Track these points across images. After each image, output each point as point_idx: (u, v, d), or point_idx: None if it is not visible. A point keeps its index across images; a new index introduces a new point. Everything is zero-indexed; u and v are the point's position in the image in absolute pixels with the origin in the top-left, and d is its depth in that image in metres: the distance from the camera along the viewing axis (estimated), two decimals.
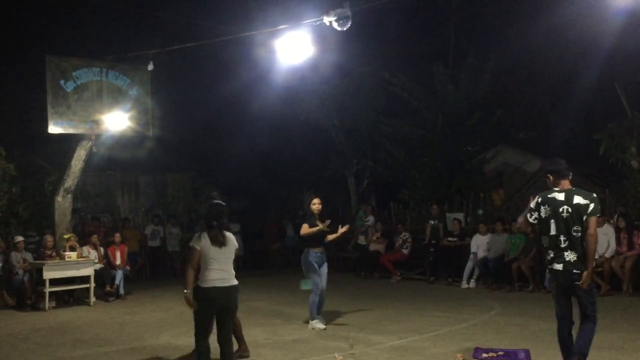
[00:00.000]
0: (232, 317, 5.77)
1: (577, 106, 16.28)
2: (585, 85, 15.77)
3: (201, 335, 5.61)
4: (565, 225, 5.61)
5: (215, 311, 5.58)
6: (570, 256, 5.59)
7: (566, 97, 16.47)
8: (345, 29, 8.49)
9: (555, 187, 5.77)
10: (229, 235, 5.75)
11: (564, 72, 16.17)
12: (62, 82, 12.40)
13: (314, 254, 8.83)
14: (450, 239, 14.01)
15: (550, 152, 17.32)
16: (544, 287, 11.79)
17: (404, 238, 14.83)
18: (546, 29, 14.53)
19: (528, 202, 5.95)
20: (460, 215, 14.59)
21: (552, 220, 5.67)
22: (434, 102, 16.36)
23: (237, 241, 6.09)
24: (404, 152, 16.72)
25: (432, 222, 14.50)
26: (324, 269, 8.94)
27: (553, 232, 5.66)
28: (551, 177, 5.82)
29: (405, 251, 14.74)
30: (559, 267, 5.62)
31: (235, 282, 5.70)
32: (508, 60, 16.67)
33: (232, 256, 5.73)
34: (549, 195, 5.74)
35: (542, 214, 5.74)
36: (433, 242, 14.29)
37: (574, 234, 5.58)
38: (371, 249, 15.30)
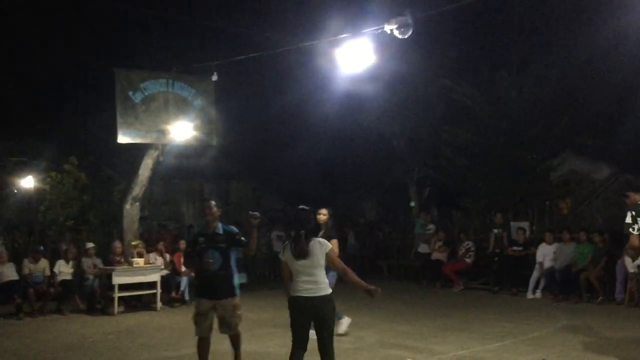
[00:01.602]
0: (328, 330, 5.44)
1: None
2: None
3: (294, 344, 5.48)
4: None
5: (305, 321, 5.41)
6: None
7: (636, 102, 15.89)
8: (406, 37, 8.46)
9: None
10: (319, 241, 5.46)
11: (633, 76, 15.59)
12: (130, 93, 12.82)
13: None
14: (514, 248, 13.72)
15: (620, 160, 16.80)
16: (614, 298, 11.42)
17: (467, 247, 14.63)
18: (614, 32, 14.07)
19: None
20: (525, 225, 14.27)
21: None
22: (497, 109, 16.08)
23: None
24: (466, 160, 16.49)
25: (496, 231, 14.23)
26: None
27: None
28: (631, 195, 6.69)
29: (468, 260, 14.53)
30: None
31: (326, 292, 5.40)
32: (574, 65, 16.22)
33: (321, 264, 5.41)
34: None
35: None
36: (497, 251, 14.03)
37: None
38: (433, 258, 15.15)
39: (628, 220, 6.49)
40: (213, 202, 6.65)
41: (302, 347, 5.44)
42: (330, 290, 5.44)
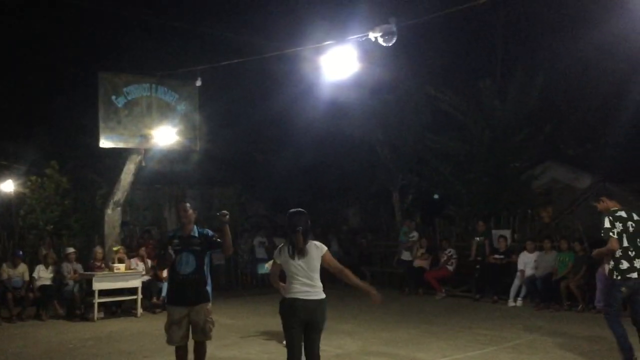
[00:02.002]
0: (318, 334, 5.43)
1: (628, 121, 15.87)
2: (637, 100, 15.33)
3: (290, 353, 5.35)
4: (633, 238, 6.79)
5: (299, 324, 5.33)
6: (639, 264, 6.74)
7: (618, 111, 16.08)
8: (390, 44, 8.48)
9: (613, 207, 6.95)
10: (314, 244, 5.47)
11: (615, 86, 15.78)
12: (113, 97, 12.76)
13: None
14: (496, 256, 13.78)
15: (602, 169, 16.95)
16: (594, 306, 11.48)
17: (449, 254, 14.66)
18: (596, 42, 14.24)
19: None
20: (507, 232, 14.34)
21: (624, 235, 6.79)
22: (481, 117, 16.18)
23: None
24: (450, 167, 16.56)
25: (478, 238, 14.29)
26: None
27: (625, 244, 6.77)
28: (605, 201, 7.02)
29: (450, 267, 14.56)
30: (633, 275, 6.72)
31: (322, 295, 5.40)
32: (557, 75, 16.39)
33: (317, 266, 5.42)
34: (617, 214, 6.88)
35: (618, 230, 6.79)
36: (479, 258, 14.08)
37: (639, 244, 6.79)
38: (416, 265, 15.16)
39: (607, 225, 6.82)
40: (189, 205, 6.45)
41: (298, 353, 5.36)
42: (324, 295, 5.41)
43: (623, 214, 6.90)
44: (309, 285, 5.36)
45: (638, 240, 6.82)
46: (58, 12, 17.24)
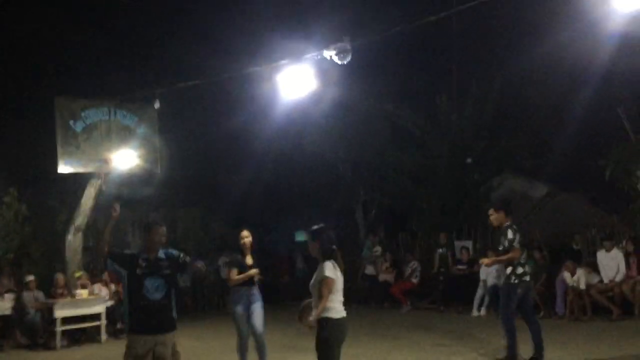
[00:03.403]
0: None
1: (578, 131, 16.32)
2: (586, 110, 15.77)
3: None
4: (523, 247, 7.89)
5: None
6: (528, 269, 7.96)
7: (567, 122, 16.52)
8: (345, 62, 8.65)
9: (506, 222, 7.89)
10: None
11: (563, 98, 16.25)
12: (71, 122, 12.60)
13: (236, 295, 7.72)
14: (459, 267, 13.99)
15: (555, 178, 17.36)
16: (555, 313, 11.75)
17: (413, 267, 14.83)
18: (544, 56, 14.65)
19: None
20: (469, 244, 14.58)
21: (519, 244, 7.76)
22: (439, 132, 16.48)
23: None
24: (411, 182, 16.79)
25: (441, 250, 14.49)
26: (255, 308, 7.63)
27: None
28: (504, 213, 7.96)
29: (414, 280, 14.72)
30: (526, 278, 7.89)
31: None
32: (510, 88, 16.80)
33: None
34: (514, 227, 7.84)
35: (518, 240, 7.74)
36: (442, 270, 14.27)
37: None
38: (380, 279, 15.29)
39: (510, 236, 7.74)
40: (164, 228, 5.92)
41: None
42: None
43: (515, 226, 7.86)
44: (342, 302, 5.45)
45: (523, 248, 7.93)
46: (11, 37, 17.04)
